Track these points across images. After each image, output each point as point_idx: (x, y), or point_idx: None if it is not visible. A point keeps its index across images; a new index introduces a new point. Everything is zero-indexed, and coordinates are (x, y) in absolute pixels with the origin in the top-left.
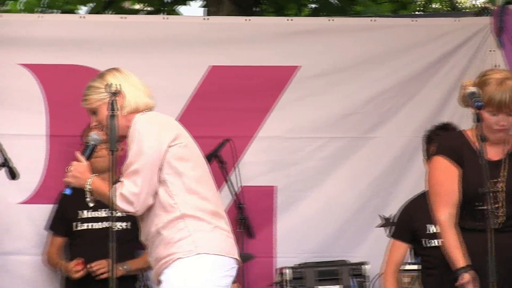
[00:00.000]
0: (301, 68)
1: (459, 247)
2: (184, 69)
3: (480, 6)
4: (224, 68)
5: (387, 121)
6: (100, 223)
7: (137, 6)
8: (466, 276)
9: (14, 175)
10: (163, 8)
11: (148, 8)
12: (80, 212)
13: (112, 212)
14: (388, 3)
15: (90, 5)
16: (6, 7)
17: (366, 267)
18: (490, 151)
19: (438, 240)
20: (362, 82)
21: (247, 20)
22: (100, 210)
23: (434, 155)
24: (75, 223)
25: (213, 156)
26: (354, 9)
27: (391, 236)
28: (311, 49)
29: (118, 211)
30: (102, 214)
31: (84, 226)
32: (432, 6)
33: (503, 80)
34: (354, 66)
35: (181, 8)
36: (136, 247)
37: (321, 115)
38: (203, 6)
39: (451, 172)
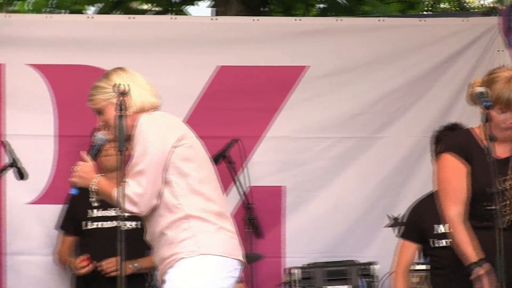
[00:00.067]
0: (309, 68)
1: (470, 242)
2: (192, 69)
3: (488, 6)
4: (232, 68)
5: (396, 121)
6: (109, 222)
7: (145, 6)
8: (480, 269)
9: (22, 176)
10: (171, 8)
11: (156, 8)
12: (89, 211)
13: (121, 211)
14: (396, 3)
15: (98, 5)
16: (14, 8)
17: (374, 267)
18: (498, 149)
19: (446, 240)
20: (370, 82)
21: (255, 20)
22: (109, 209)
23: (441, 153)
24: (84, 222)
25: (221, 156)
26: (362, 9)
27: (400, 237)
28: (319, 49)
29: (123, 211)
30: (112, 213)
31: (94, 225)
32: (440, 6)
33: (511, 78)
34: (362, 66)
35: (189, 8)
36: (146, 246)
37: (329, 115)
38: (211, 6)
39: (459, 169)
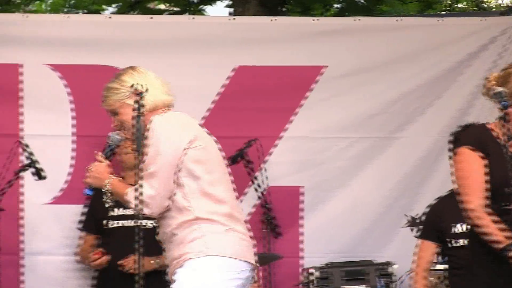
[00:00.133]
0: (327, 68)
1: (497, 228)
2: (210, 69)
3: (506, 5)
4: (250, 68)
5: (414, 121)
6: (130, 220)
7: (162, 6)
8: None
9: (40, 176)
10: (189, 8)
11: (174, 8)
12: (110, 210)
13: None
14: (414, 2)
15: (116, 5)
16: (32, 8)
17: (392, 267)
18: None
19: (463, 240)
20: (388, 82)
21: (273, 20)
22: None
23: (458, 147)
24: (105, 221)
25: (239, 156)
26: (380, 8)
27: (419, 237)
28: (337, 49)
29: (135, 212)
30: (132, 211)
31: (115, 224)
32: (458, 6)
33: None
34: (380, 66)
35: (207, 8)
36: None
37: (347, 115)
38: (229, 6)
39: (477, 161)
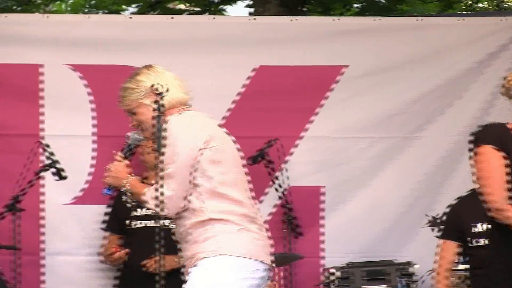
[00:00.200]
0: (347, 68)
1: None
2: (230, 69)
3: None
4: (271, 68)
5: (434, 120)
6: (153, 220)
7: (183, 6)
8: None
9: (61, 176)
10: (209, 8)
11: (194, 8)
12: (133, 210)
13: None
14: (434, 2)
15: (136, 5)
16: (52, 8)
17: (413, 266)
18: None
19: (484, 239)
20: (408, 82)
21: (293, 20)
22: None
23: (479, 146)
24: (128, 221)
25: (260, 156)
26: (401, 8)
27: (440, 237)
28: (358, 48)
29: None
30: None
31: (138, 224)
32: (478, 5)
33: None
34: (401, 65)
35: (227, 8)
36: None
37: (368, 115)
38: (249, 6)
39: (498, 159)
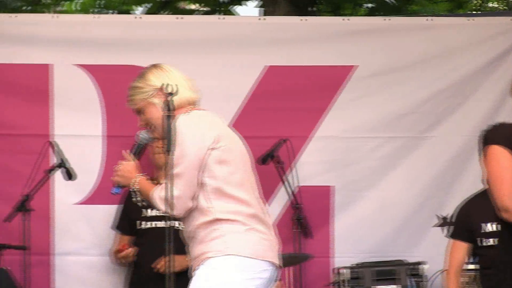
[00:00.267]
0: (357, 68)
1: None
2: (240, 69)
3: None
4: (281, 68)
5: (444, 120)
6: (163, 221)
7: (193, 6)
8: None
9: (71, 176)
10: (219, 8)
11: (204, 8)
12: (144, 210)
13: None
14: (444, 2)
15: (146, 5)
16: (62, 8)
17: (423, 266)
18: None
19: (493, 239)
20: (418, 82)
21: (303, 20)
22: None
23: (488, 146)
24: (139, 222)
25: (269, 156)
26: (411, 8)
27: (450, 237)
28: (368, 48)
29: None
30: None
31: (148, 225)
32: (488, 5)
33: None
34: (411, 65)
35: (237, 8)
36: None
37: (377, 115)
38: (259, 6)
39: (508, 159)
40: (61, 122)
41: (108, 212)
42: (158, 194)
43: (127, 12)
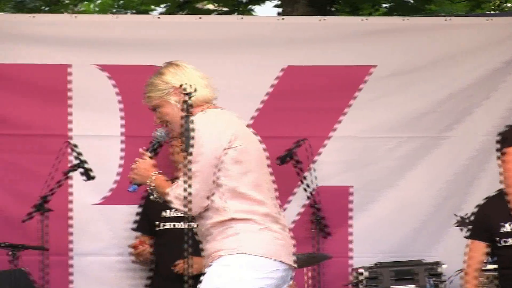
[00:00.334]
0: (376, 68)
1: None
2: (259, 69)
3: None
4: (299, 68)
5: (463, 120)
6: (182, 222)
7: (211, 7)
8: None
9: (89, 176)
10: (238, 8)
11: (223, 8)
12: (163, 211)
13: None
14: (463, 2)
15: (165, 5)
16: (80, 8)
17: (442, 266)
18: None
19: None
20: (437, 81)
21: (321, 20)
22: None
23: (506, 146)
24: (157, 222)
25: (288, 156)
26: (429, 8)
27: (468, 237)
28: (386, 48)
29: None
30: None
31: (166, 226)
32: (507, 5)
33: None
34: (429, 65)
35: (255, 8)
36: None
37: (396, 115)
38: (277, 6)
39: None
40: (79, 122)
41: (127, 212)
42: (173, 192)
43: (146, 12)
